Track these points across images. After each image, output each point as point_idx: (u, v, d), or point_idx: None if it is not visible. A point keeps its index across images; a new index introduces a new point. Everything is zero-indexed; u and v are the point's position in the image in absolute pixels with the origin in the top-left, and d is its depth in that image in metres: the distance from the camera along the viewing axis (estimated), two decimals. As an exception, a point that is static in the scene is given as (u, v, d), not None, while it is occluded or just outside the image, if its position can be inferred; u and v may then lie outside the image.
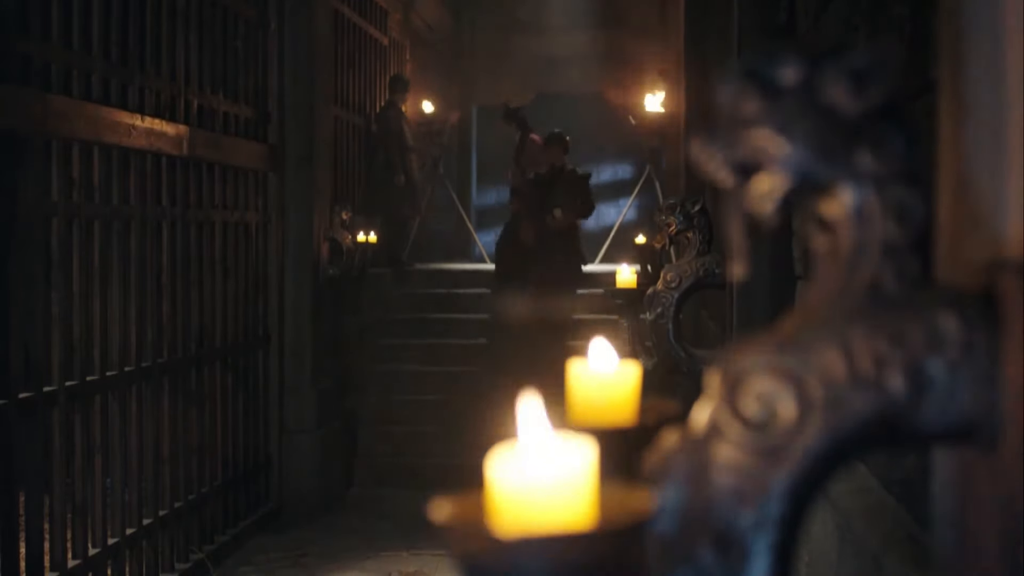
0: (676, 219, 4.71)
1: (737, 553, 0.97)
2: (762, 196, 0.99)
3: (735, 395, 0.98)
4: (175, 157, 7.69)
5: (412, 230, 13.65)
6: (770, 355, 0.98)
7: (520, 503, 0.82)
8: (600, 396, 1.20)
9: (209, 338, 8.32)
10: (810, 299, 1.02)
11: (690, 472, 0.98)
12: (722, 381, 0.99)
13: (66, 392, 6.36)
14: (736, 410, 0.97)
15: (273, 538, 8.93)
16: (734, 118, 0.99)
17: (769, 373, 0.97)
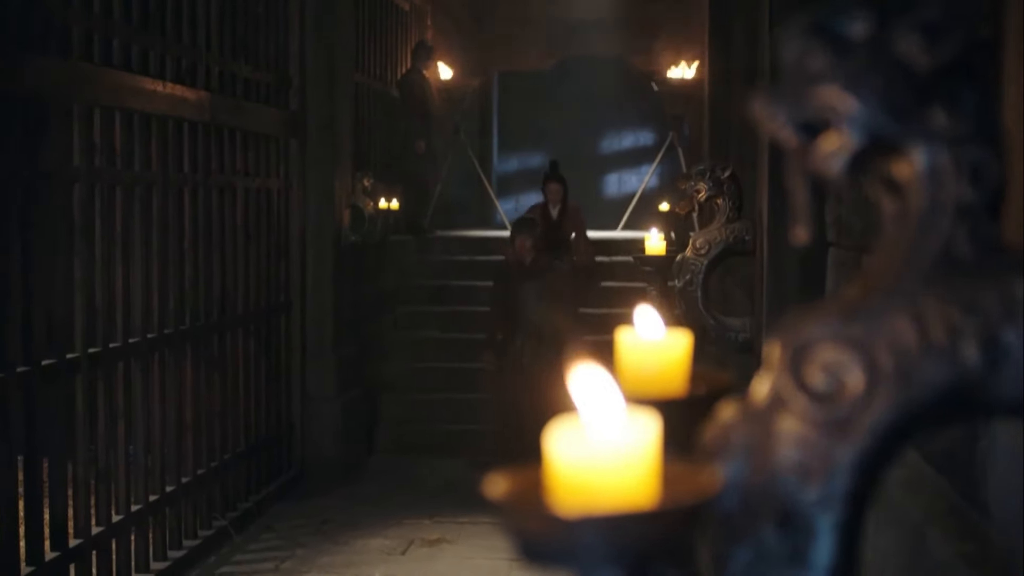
0: (706, 185, 4.65)
1: (801, 531, 0.92)
2: (828, 156, 0.94)
3: (799, 365, 0.93)
4: (196, 123, 7.65)
5: (433, 197, 13.58)
6: (836, 323, 0.93)
7: (580, 479, 0.78)
8: (649, 365, 1.15)
9: (231, 305, 8.29)
10: (876, 264, 0.97)
11: (751, 446, 0.94)
12: (785, 351, 0.94)
13: (89, 359, 6.34)
14: (801, 381, 0.93)
15: (295, 505, 8.92)
16: (800, 74, 0.94)
17: (835, 342, 0.93)
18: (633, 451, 0.78)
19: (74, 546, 6.22)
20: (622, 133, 19.10)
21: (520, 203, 18.52)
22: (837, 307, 0.94)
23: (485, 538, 8.13)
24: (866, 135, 0.93)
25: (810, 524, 0.92)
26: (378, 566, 7.49)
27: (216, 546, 7.79)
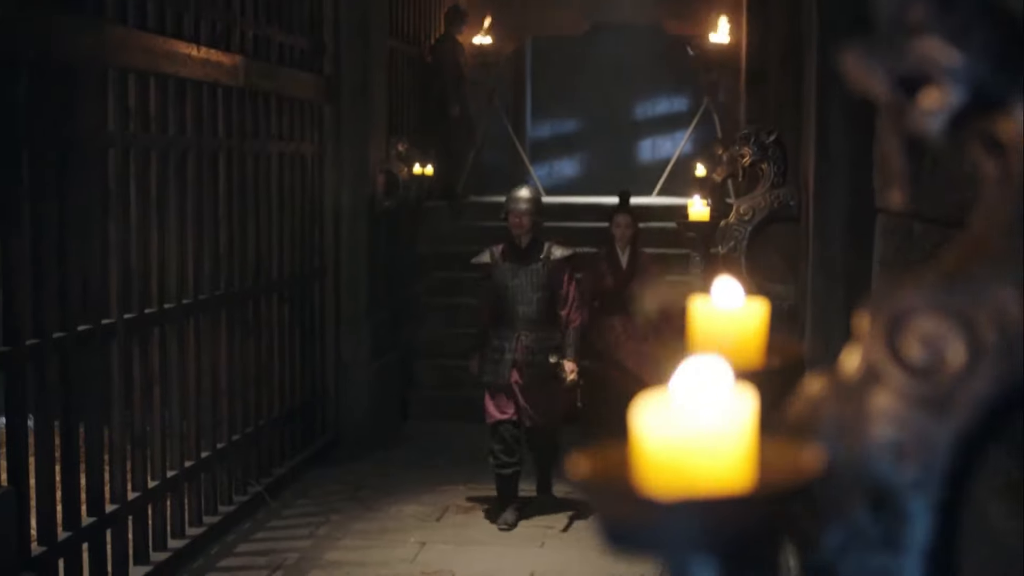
0: (751, 150, 4.56)
1: (895, 513, 0.86)
2: (928, 113, 0.88)
3: (896, 337, 0.87)
4: (231, 87, 7.61)
5: (467, 163, 13.51)
6: (936, 292, 0.87)
7: (671, 459, 0.72)
8: (724, 336, 1.09)
9: (265, 270, 8.27)
10: (975, 229, 0.91)
11: (842, 423, 0.88)
12: (879, 321, 0.89)
13: (125, 324, 6.33)
14: (897, 354, 0.87)
15: (329, 471, 8.92)
16: (898, 25, 0.88)
17: (935, 312, 0.87)
18: (728, 429, 0.73)
19: (111, 512, 6.23)
20: (656, 99, 18.94)
21: (554, 169, 18.44)
22: (935, 275, 0.88)
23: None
24: (969, 91, 0.87)
25: (905, 506, 0.86)
26: (413, 532, 7.47)
27: (251, 512, 7.79)
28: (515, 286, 7.72)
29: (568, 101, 18.34)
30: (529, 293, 7.71)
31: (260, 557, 7.09)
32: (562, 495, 7.93)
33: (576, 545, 7.32)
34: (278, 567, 6.90)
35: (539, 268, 7.72)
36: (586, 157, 18.92)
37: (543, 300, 7.72)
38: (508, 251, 7.84)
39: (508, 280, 7.75)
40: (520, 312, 7.71)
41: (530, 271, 7.73)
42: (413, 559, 7.05)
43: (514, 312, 7.73)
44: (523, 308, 7.70)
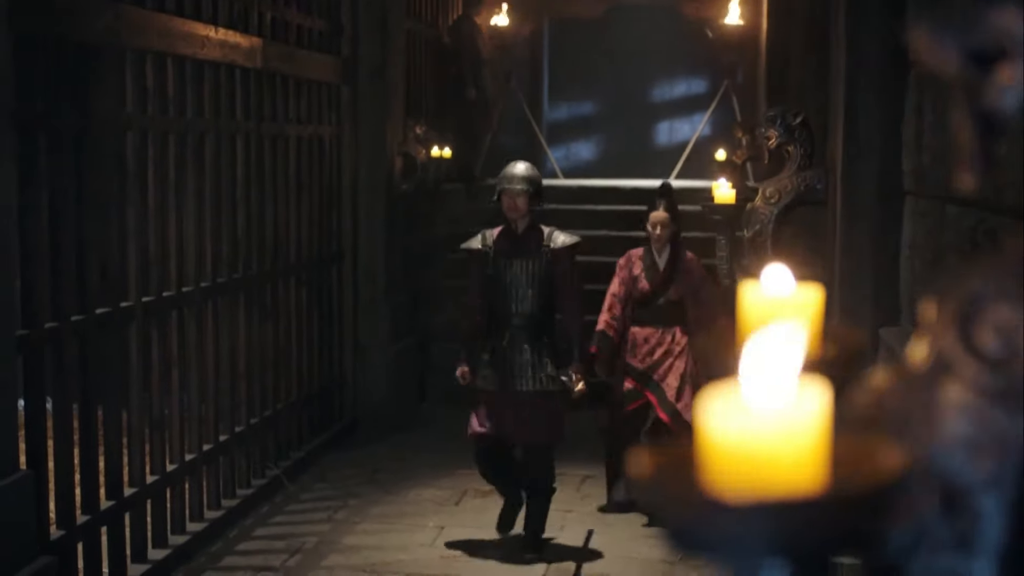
0: (777, 131, 4.50)
1: (967, 511, 0.82)
2: (1003, 90, 0.83)
3: (969, 327, 0.83)
4: (248, 69, 7.56)
5: (484, 145, 13.45)
6: (1011, 280, 0.82)
7: (739, 457, 0.68)
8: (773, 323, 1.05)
9: (283, 253, 8.23)
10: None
11: (910, 417, 0.84)
12: (950, 310, 0.84)
13: (143, 307, 6.30)
14: (970, 345, 0.82)
15: (347, 455, 8.89)
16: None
17: (1010, 301, 0.82)
18: (801, 425, 0.68)
19: (129, 495, 6.21)
20: (674, 81, 18.84)
21: (570, 152, 18.37)
22: (1010, 263, 0.83)
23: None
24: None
25: (978, 504, 0.82)
26: (431, 516, 7.45)
27: (270, 495, 7.78)
28: (510, 278, 6.66)
29: (585, 83, 18.25)
30: (525, 287, 6.66)
31: (278, 541, 7.07)
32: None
33: (598, 528, 7.29)
34: (297, 551, 6.87)
35: (538, 258, 6.66)
36: (603, 140, 18.84)
37: (541, 296, 6.68)
38: (503, 237, 6.75)
39: (502, 271, 6.68)
40: (515, 309, 6.68)
41: (528, 262, 6.66)
42: (432, 543, 7.02)
43: (507, 309, 6.68)
44: (518, 304, 6.67)
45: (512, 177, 6.70)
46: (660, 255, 7.29)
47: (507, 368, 6.67)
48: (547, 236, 6.71)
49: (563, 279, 6.70)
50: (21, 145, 5.21)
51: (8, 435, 4.93)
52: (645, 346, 7.30)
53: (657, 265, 7.31)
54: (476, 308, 6.86)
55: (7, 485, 4.85)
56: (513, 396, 6.68)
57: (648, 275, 7.32)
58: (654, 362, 7.24)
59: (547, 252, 6.67)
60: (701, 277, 7.28)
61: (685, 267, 7.27)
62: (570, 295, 6.75)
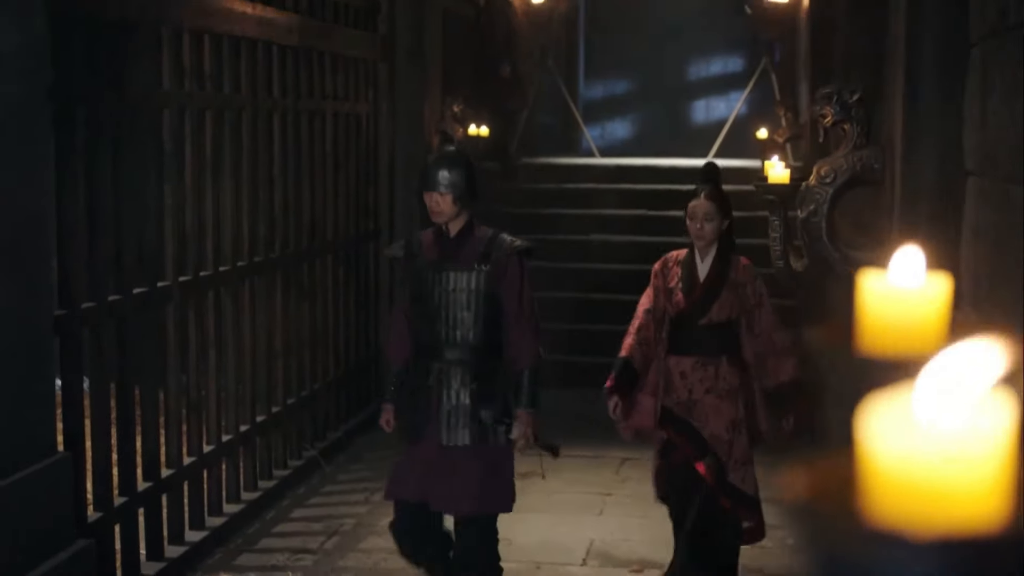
0: (832, 109, 4.38)
1: None
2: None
3: None
4: (286, 46, 7.48)
5: (519, 123, 13.35)
6: None
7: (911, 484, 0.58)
8: (899, 318, 0.95)
9: (320, 232, 8.16)
10: None
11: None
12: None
13: (180, 287, 6.24)
14: None
15: (384, 434, 8.79)
16: None
17: None
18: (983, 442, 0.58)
19: (166, 476, 6.16)
20: (710, 58, 18.70)
21: (606, 131, 18.25)
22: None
23: (579, 472, 7.99)
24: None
25: None
26: (470, 499, 7.37)
27: (306, 476, 7.72)
28: (439, 297, 5.13)
29: (621, 61, 18.14)
30: (460, 308, 5.12)
31: (316, 523, 7.01)
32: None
33: (637, 512, 7.20)
34: (334, 533, 6.81)
35: (477, 271, 5.10)
36: (639, 118, 18.74)
37: (482, 319, 5.12)
38: (434, 243, 5.22)
39: (429, 287, 5.15)
40: (446, 336, 5.13)
41: (462, 275, 5.11)
42: (470, 526, 6.94)
43: (435, 336, 5.14)
44: (450, 331, 5.13)
45: (434, 172, 5.13)
46: (703, 259, 5.55)
47: (433, 414, 5.15)
48: (488, 241, 5.14)
49: (510, 297, 5.12)
50: (58, 124, 5.14)
51: (46, 417, 4.88)
52: (682, 383, 5.59)
53: (697, 273, 5.58)
54: (401, 336, 5.37)
55: (45, 467, 4.80)
56: (442, 451, 5.15)
57: (685, 286, 5.58)
58: (692, 402, 5.56)
59: (489, 261, 5.09)
60: (757, 295, 5.55)
61: (735, 278, 5.54)
62: (520, 318, 5.13)
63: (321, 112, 8.14)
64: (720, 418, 5.53)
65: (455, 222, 5.16)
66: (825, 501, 0.61)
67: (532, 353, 5.17)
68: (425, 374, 5.19)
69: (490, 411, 5.14)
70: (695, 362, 5.58)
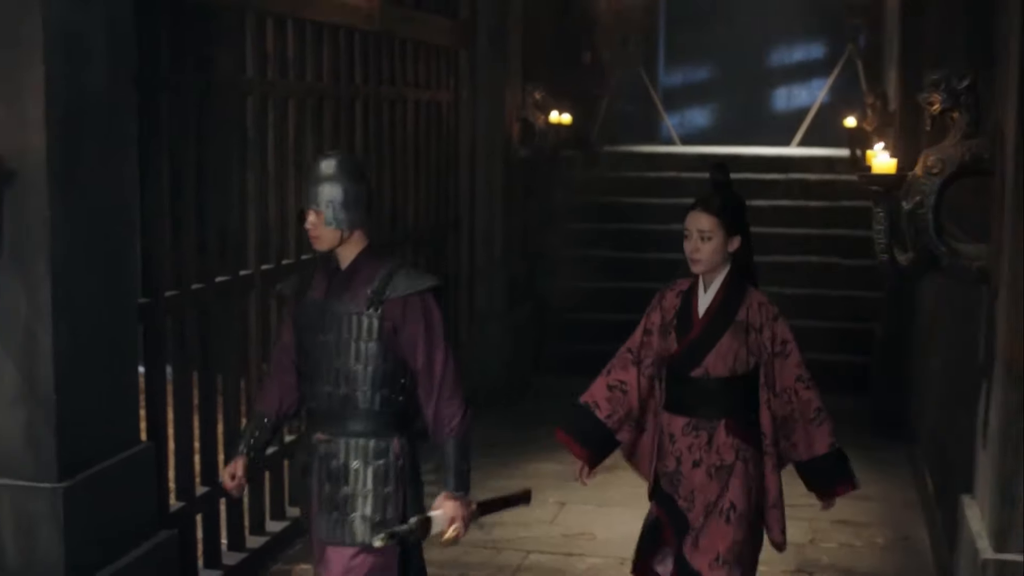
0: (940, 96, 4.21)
1: None
2: None
3: None
4: (368, 32, 7.40)
5: (600, 111, 13.21)
6: None
7: None
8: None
9: (401, 220, 8.08)
10: None
11: None
12: None
13: (262, 276, 6.19)
14: None
15: (464, 425, 8.74)
16: None
17: None
18: None
19: (248, 466, 6.11)
20: (792, 45, 18.43)
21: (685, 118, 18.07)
22: None
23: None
24: None
25: None
26: (551, 492, 7.26)
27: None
28: (325, 345, 4.01)
29: (701, 48, 17.94)
30: (350, 361, 3.97)
31: (396, 514, 6.94)
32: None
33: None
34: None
35: (368, 314, 3.96)
36: (719, 106, 18.54)
37: (379, 375, 3.96)
38: (325, 276, 4.12)
39: (315, 333, 4.05)
40: (331, 399, 4.01)
41: (352, 318, 3.98)
42: (552, 520, 6.86)
43: (322, 397, 4.04)
44: (337, 391, 3.99)
45: (314, 186, 4.02)
46: (706, 289, 4.42)
47: (313, 500, 4.10)
48: (384, 278, 3.98)
49: (412, 352, 3.97)
50: (142, 111, 5.09)
51: (130, 407, 4.84)
52: (671, 448, 4.47)
53: (695, 308, 4.42)
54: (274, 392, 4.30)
55: (128, 458, 4.76)
56: (321, 547, 4.09)
57: (680, 324, 4.43)
58: (678, 474, 4.44)
59: (379, 305, 3.96)
60: (779, 342, 4.37)
61: (745, 319, 4.36)
62: (430, 378, 3.97)
63: (402, 100, 8.05)
64: (706, 496, 4.39)
65: (345, 250, 4.02)
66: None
67: (454, 421, 4.02)
68: (307, 448, 4.16)
69: (379, 508, 4.00)
70: (685, 424, 4.42)
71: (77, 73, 4.40)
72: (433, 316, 3.98)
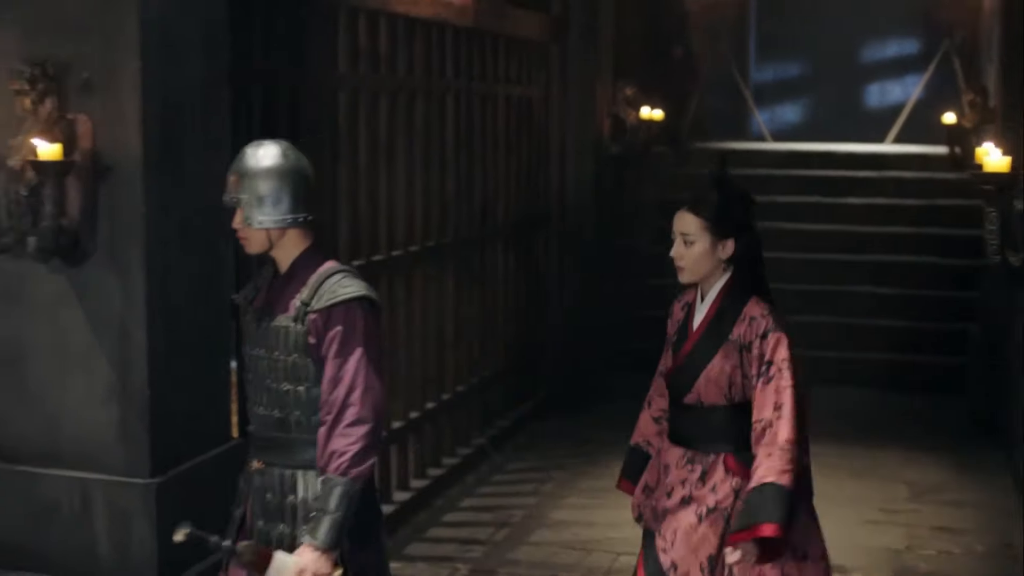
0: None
1: None
2: None
3: None
4: (460, 27, 7.35)
5: (690, 106, 13.06)
6: None
7: None
8: None
9: (492, 217, 8.03)
10: None
11: None
12: None
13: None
14: None
15: (553, 423, 8.70)
16: None
17: None
18: None
19: (338, 463, 6.08)
20: (885, 40, 18.14)
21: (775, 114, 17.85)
22: None
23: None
24: None
25: None
26: (642, 493, 7.18)
27: (475, 465, 7.61)
28: (258, 360, 3.59)
29: (792, 43, 17.70)
30: (281, 379, 3.53)
31: (485, 513, 6.90)
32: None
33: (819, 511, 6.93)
34: (504, 524, 6.68)
35: (292, 325, 3.50)
36: (810, 102, 18.28)
37: (310, 396, 3.48)
38: (265, 283, 3.66)
39: (250, 345, 3.63)
40: (262, 417, 3.59)
41: (283, 330, 3.52)
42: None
43: (257, 418, 3.62)
44: (263, 407, 3.58)
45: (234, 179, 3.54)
46: (703, 300, 3.84)
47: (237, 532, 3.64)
48: (315, 285, 3.49)
49: (332, 365, 3.43)
50: (235, 105, 5.08)
51: (222, 404, 4.83)
52: (665, 479, 3.89)
53: (691, 323, 3.87)
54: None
55: (220, 454, 4.75)
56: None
57: (677, 341, 3.92)
58: (664, 511, 3.82)
59: (304, 317, 3.47)
60: (762, 361, 3.68)
61: (737, 337, 3.74)
62: (332, 402, 3.41)
63: (493, 95, 8.00)
64: (690, 547, 3.73)
65: (280, 253, 3.56)
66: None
67: (344, 457, 3.34)
68: (243, 476, 3.69)
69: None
70: (681, 456, 3.83)
71: (173, 69, 4.40)
72: (354, 326, 3.42)
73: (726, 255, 3.73)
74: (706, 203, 3.72)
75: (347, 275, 3.49)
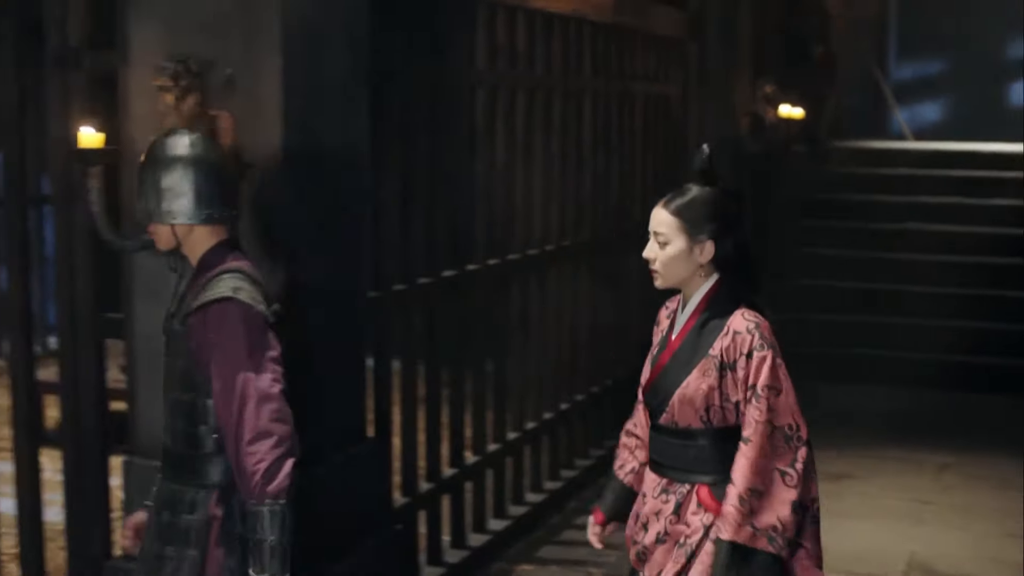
0: None
1: None
2: None
3: None
4: (598, 24, 7.24)
5: (829, 105, 12.81)
6: None
7: None
8: None
9: (627, 217, 7.90)
10: None
11: None
12: None
13: (488, 271, 6.10)
14: None
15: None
16: None
17: None
18: None
19: (470, 463, 6.05)
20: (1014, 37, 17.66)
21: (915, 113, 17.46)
22: None
23: (893, 476, 7.56)
24: None
25: None
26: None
27: (607, 467, 7.42)
28: (163, 365, 3.41)
29: (933, 40, 17.31)
30: (170, 383, 3.35)
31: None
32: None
33: (959, 523, 6.72)
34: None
35: (179, 327, 3.29)
36: (951, 100, 17.86)
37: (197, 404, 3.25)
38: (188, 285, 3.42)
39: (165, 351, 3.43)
40: (164, 427, 3.40)
41: (171, 334, 3.36)
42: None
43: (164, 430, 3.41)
44: (167, 418, 3.37)
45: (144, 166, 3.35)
46: (686, 306, 3.46)
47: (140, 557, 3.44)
48: (203, 284, 3.27)
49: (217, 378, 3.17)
50: (373, 102, 5.04)
51: (358, 403, 4.79)
52: (643, 510, 3.48)
53: (671, 334, 3.49)
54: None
55: (356, 453, 4.71)
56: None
57: (658, 349, 3.53)
58: (644, 548, 3.43)
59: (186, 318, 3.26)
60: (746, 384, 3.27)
61: (719, 353, 3.31)
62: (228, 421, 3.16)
63: (631, 94, 7.87)
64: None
65: (190, 250, 3.34)
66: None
67: (256, 476, 3.10)
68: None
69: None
70: (656, 485, 3.43)
71: (315, 65, 4.37)
72: (233, 330, 3.14)
73: (704, 259, 3.35)
74: (682, 199, 3.36)
75: (234, 275, 3.22)
